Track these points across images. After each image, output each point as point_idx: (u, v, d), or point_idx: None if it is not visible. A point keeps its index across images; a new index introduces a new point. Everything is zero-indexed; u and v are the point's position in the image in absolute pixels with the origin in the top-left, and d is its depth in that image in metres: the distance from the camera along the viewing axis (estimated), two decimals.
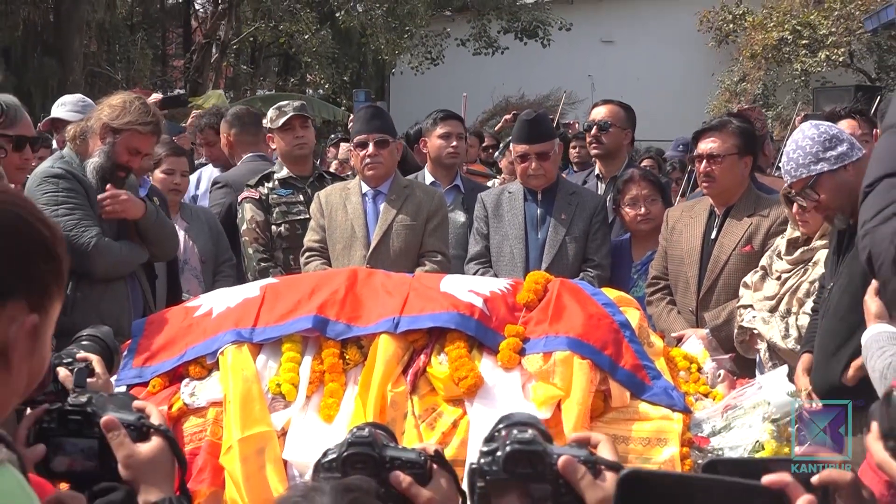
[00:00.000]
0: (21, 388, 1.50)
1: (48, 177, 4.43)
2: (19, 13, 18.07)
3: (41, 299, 1.46)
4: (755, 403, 3.35)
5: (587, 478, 1.76)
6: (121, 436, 1.96)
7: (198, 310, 3.74)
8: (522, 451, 1.76)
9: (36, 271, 1.45)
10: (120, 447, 1.95)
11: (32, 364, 1.48)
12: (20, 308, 1.43)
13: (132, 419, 1.98)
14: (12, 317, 1.42)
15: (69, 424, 1.97)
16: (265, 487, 3.17)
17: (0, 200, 1.46)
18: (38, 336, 1.47)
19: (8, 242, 1.42)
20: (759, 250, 4.69)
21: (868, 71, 24.40)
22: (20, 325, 1.42)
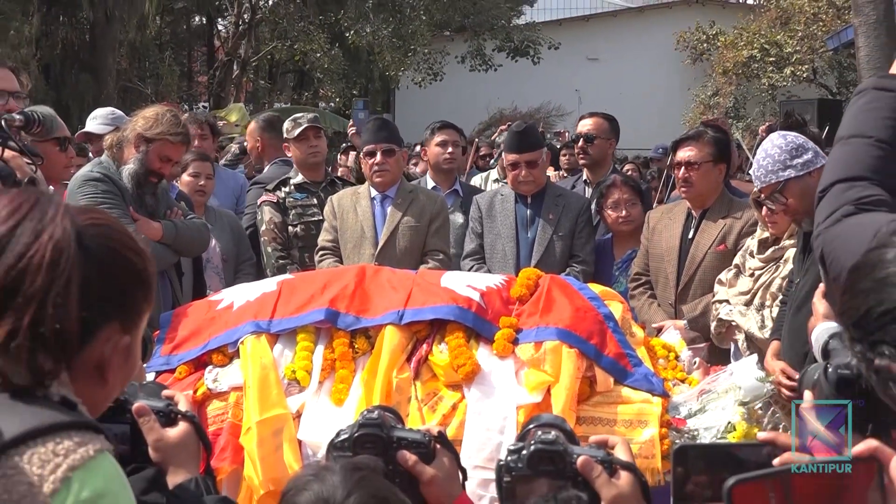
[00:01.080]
0: (115, 394, 1.57)
1: (88, 180, 4.46)
2: (58, 34, 18.09)
3: (133, 321, 1.50)
4: (727, 388, 3.35)
5: (603, 476, 1.80)
6: (151, 421, 1.97)
7: (220, 303, 3.74)
8: (545, 450, 1.80)
9: (130, 298, 1.48)
10: (150, 431, 1.97)
11: (125, 373, 1.53)
12: (115, 330, 1.46)
13: (161, 406, 2.00)
14: (108, 338, 1.45)
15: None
16: (281, 465, 3.17)
17: (97, 234, 1.46)
18: (131, 352, 1.51)
19: (106, 277, 1.44)
20: (733, 249, 4.70)
21: (829, 86, 24.41)
22: (114, 346, 1.45)
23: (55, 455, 1.30)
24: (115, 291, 1.45)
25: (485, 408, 3.25)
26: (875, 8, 9.66)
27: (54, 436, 1.32)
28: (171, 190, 5.22)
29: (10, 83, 3.71)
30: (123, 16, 18.43)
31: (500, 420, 3.22)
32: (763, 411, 3.41)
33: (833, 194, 2.24)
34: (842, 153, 2.30)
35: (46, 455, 1.30)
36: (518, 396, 3.27)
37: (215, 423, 3.31)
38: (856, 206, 2.17)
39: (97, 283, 1.42)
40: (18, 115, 3.28)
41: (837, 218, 2.18)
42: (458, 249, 5.43)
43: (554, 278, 3.83)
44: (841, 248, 2.15)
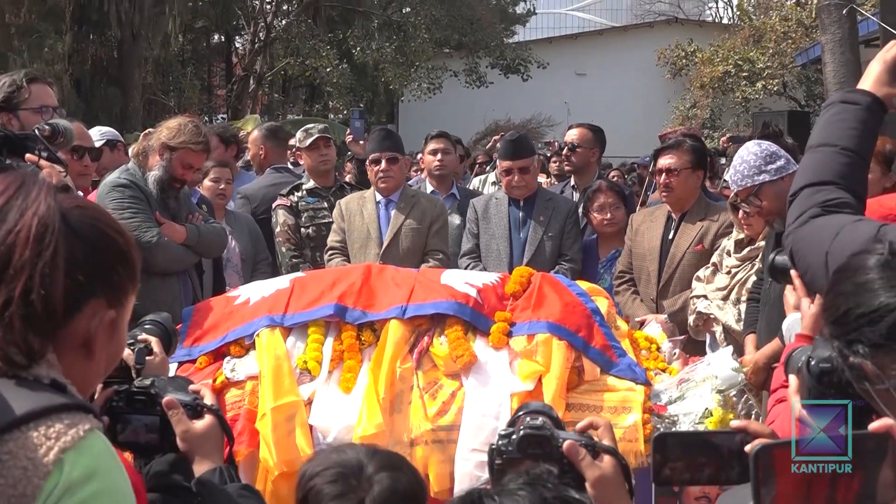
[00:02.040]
0: (102, 371, 1.51)
1: (115, 186, 4.46)
2: (88, 50, 18.08)
3: (118, 297, 1.46)
4: (705, 377, 3.35)
5: (587, 459, 1.80)
6: (179, 413, 1.98)
7: (237, 299, 3.73)
8: (534, 435, 1.80)
9: (114, 275, 1.45)
10: (178, 423, 1.98)
11: (111, 350, 1.49)
12: (100, 305, 1.43)
13: (188, 400, 2.01)
14: (93, 313, 1.42)
15: (135, 403, 2.00)
16: (294, 448, 3.17)
17: (81, 215, 1.45)
18: (116, 327, 1.48)
19: (90, 252, 1.42)
20: (710, 249, 4.70)
21: (798, 99, 24.41)
22: (100, 320, 1.43)
23: (47, 439, 1.28)
24: (99, 267, 1.43)
25: (481, 395, 3.25)
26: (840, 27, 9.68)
27: (45, 419, 1.29)
28: (194, 195, 5.23)
29: (52, 99, 3.71)
30: (148, 34, 18.43)
31: (495, 406, 3.22)
32: (737, 398, 3.42)
33: (802, 197, 2.25)
34: (811, 160, 2.32)
35: (38, 439, 1.27)
36: (512, 385, 3.27)
37: (233, 410, 3.31)
38: (822, 208, 2.19)
39: (82, 258, 1.39)
40: (47, 126, 3.29)
41: (805, 219, 2.20)
42: (455, 248, 5.43)
43: (545, 276, 3.83)
44: (807, 247, 2.17)
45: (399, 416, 3.23)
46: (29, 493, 1.24)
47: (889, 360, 1.65)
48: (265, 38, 23.11)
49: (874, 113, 2.29)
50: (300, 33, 23.98)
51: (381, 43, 25.29)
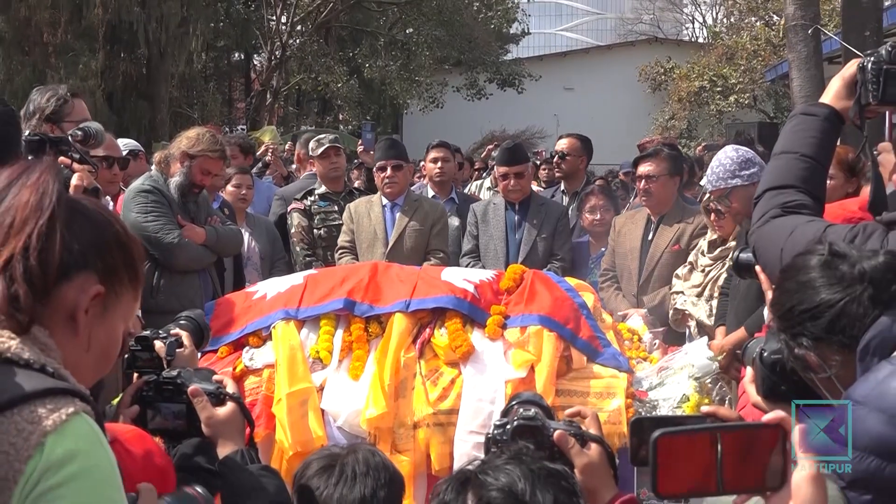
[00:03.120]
0: (93, 362, 1.42)
1: (140, 191, 4.46)
2: (119, 67, 18.06)
3: (110, 278, 1.39)
4: (682, 365, 3.35)
5: (576, 447, 1.82)
6: (204, 401, 1.98)
7: (256, 294, 3.73)
8: (526, 425, 1.81)
9: (107, 254, 1.40)
10: (203, 410, 1.98)
11: (100, 336, 1.41)
12: (90, 280, 1.37)
13: (212, 388, 2.01)
14: (82, 286, 1.36)
15: (163, 392, 2.01)
16: (307, 430, 3.17)
17: (91, 202, 1.44)
18: (106, 310, 1.40)
19: (88, 226, 1.38)
20: (686, 249, 4.70)
21: (767, 111, 24.41)
22: (87, 293, 1.36)
23: (29, 423, 1.21)
24: (95, 243, 1.38)
25: (478, 382, 3.25)
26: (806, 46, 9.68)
27: (29, 404, 1.23)
28: (216, 199, 5.23)
29: (87, 113, 3.72)
30: (174, 52, 18.42)
31: (491, 392, 3.21)
32: (712, 385, 3.41)
33: (765, 199, 2.27)
34: (774, 166, 2.34)
35: (21, 424, 1.21)
36: (506, 372, 3.27)
37: (251, 396, 3.30)
38: (782, 209, 2.21)
39: (78, 229, 1.36)
40: (79, 131, 3.29)
41: (766, 219, 2.22)
42: (454, 248, 5.43)
43: (537, 273, 3.83)
44: (766, 244, 2.20)
45: (403, 400, 3.23)
46: (10, 478, 1.19)
47: (830, 352, 1.66)
48: (281, 55, 23.09)
49: (833, 124, 2.30)
50: (313, 52, 24.01)
51: (387, 60, 25.34)
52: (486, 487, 1.41)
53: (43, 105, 3.62)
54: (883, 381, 1.50)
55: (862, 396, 1.51)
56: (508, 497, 1.38)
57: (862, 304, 1.63)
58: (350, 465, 2.13)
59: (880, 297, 1.62)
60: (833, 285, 1.66)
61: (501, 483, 1.40)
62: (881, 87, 2.20)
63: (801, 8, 9.64)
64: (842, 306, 1.64)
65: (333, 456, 2.18)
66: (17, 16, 16.03)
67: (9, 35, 16.30)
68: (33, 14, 15.95)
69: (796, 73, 9.75)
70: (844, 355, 1.64)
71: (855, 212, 3.04)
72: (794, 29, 9.74)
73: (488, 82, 27.20)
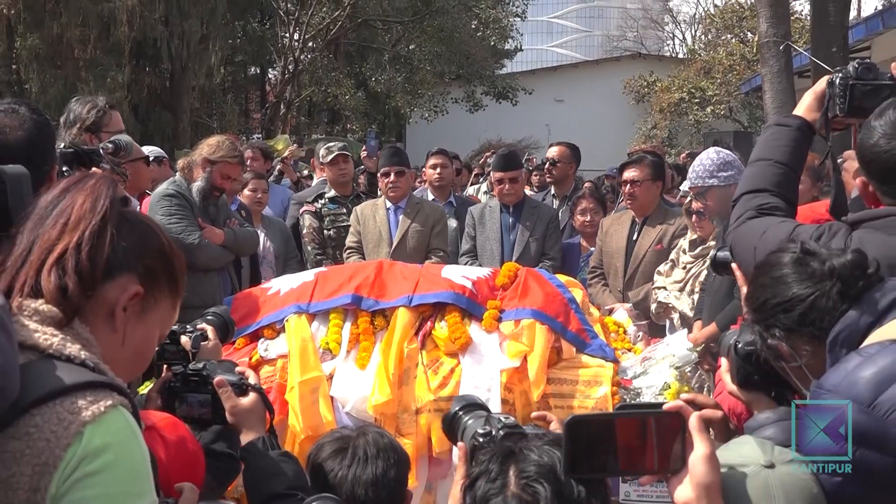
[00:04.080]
0: (129, 356, 1.42)
1: (164, 196, 4.46)
2: (144, 81, 18.06)
3: (150, 283, 1.40)
4: (664, 356, 3.35)
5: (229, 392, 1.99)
6: (228, 391, 1.99)
7: (270, 290, 3.72)
8: (514, 432, 1.75)
9: (149, 260, 1.41)
10: (227, 400, 1.99)
11: (136, 335, 1.41)
12: (132, 281, 1.38)
13: (235, 379, 2.02)
14: (123, 285, 1.37)
15: (190, 383, 2.02)
16: (317, 416, 3.17)
17: (136, 212, 1.47)
18: (144, 311, 1.40)
19: (134, 232, 1.40)
20: (668, 248, 4.69)
21: (742, 121, 24.43)
22: (128, 292, 1.37)
23: (70, 413, 1.21)
24: (140, 248, 1.39)
25: (476, 371, 3.25)
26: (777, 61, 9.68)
27: (70, 396, 1.23)
28: (234, 202, 5.23)
29: (122, 124, 3.72)
30: (195, 66, 18.40)
31: (487, 380, 3.21)
32: (692, 374, 3.41)
33: (742, 202, 2.28)
34: (750, 171, 2.35)
35: (62, 414, 1.21)
36: (501, 362, 3.26)
37: (266, 384, 3.29)
38: (757, 211, 2.22)
39: (126, 234, 1.37)
40: (110, 144, 3.28)
41: (743, 220, 2.23)
42: (452, 248, 5.43)
43: (529, 270, 3.82)
44: (741, 243, 2.20)
45: (406, 388, 3.23)
46: (51, 463, 1.19)
47: (800, 343, 1.67)
48: (294, 70, 23.08)
49: (804, 133, 2.31)
50: (323, 66, 24.01)
51: (391, 74, 25.34)
52: (528, 462, 1.43)
53: (84, 116, 3.62)
54: (852, 372, 1.50)
55: (833, 385, 1.51)
56: (548, 472, 1.40)
57: (831, 298, 1.63)
58: (361, 447, 2.14)
59: (848, 293, 1.62)
60: (804, 281, 1.66)
61: (544, 461, 1.42)
62: (847, 100, 2.21)
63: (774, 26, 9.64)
64: (812, 300, 1.64)
65: (345, 438, 2.19)
66: (50, 33, 16.04)
67: (43, 51, 16.30)
68: (65, 31, 15.97)
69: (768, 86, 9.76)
70: (814, 346, 1.64)
71: (823, 214, 3.03)
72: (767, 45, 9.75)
73: (484, 95, 27.20)
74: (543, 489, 1.39)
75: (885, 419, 1.44)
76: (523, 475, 1.41)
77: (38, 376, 1.24)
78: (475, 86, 26.89)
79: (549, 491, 1.39)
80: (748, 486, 1.45)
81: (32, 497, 1.18)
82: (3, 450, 1.19)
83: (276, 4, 23.81)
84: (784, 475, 1.45)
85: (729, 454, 1.52)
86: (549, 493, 1.38)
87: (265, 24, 24.64)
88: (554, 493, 1.38)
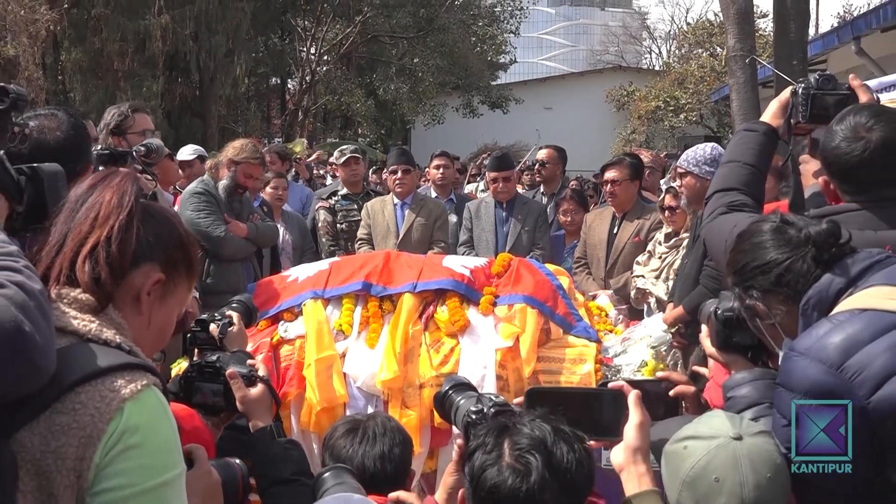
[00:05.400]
0: (153, 337, 1.42)
1: (194, 193, 4.46)
2: (176, 90, 17.98)
3: (171, 270, 1.40)
4: (642, 336, 3.34)
5: (240, 383, 1.98)
6: (238, 382, 1.98)
7: (289, 277, 3.72)
8: (504, 409, 1.76)
9: (170, 249, 1.40)
10: (238, 390, 1.97)
11: (159, 317, 1.41)
12: (155, 269, 1.38)
13: (245, 371, 2.00)
14: (147, 273, 1.37)
15: (205, 374, 2.01)
16: (332, 390, 3.17)
17: (158, 206, 1.44)
18: (165, 295, 1.40)
19: (157, 225, 1.39)
20: (645, 240, 4.68)
21: (712, 127, 24.38)
22: (151, 278, 1.38)
23: (110, 391, 1.23)
24: (162, 239, 1.39)
25: (473, 350, 3.25)
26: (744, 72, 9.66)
27: (110, 376, 1.24)
28: (256, 199, 5.22)
29: (150, 124, 3.71)
30: (222, 78, 18.34)
31: (484, 359, 3.21)
32: (667, 352, 3.40)
33: (714, 199, 2.28)
34: (721, 172, 2.35)
35: (104, 392, 1.22)
36: (496, 342, 3.26)
37: (286, 361, 3.30)
38: (728, 207, 2.22)
39: (150, 227, 1.37)
40: (142, 147, 3.28)
41: (715, 216, 2.23)
42: (452, 240, 5.42)
43: (521, 260, 3.81)
44: (714, 237, 2.20)
45: (411, 365, 3.23)
46: (95, 435, 1.21)
47: (776, 303, 1.67)
48: (310, 80, 23.02)
49: (770, 138, 2.32)
50: (337, 77, 23.95)
51: (398, 84, 25.29)
52: (521, 435, 1.43)
53: (108, 120, 3.62)
54: (823, 337, 1.49)
55: (804, 348, 1.51)
56: (539, 444, 1.41)
57: (806, 262, 1.62)
58: (371, 427, 2.14)
59: (821, 257, 1.62)
60: (782, 246, 1.66)
61: (535, 434, 1.43)
62: (809, 108, 2.20)
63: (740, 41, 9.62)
64: (788, 264, 1.63)
65: (356, 421, 2.20)
66: (91, 48, 16.04)
67: (85, 63, 16.29)
68: (105, 46, 15.95)
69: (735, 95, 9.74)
70: (788, 306, 1.64)
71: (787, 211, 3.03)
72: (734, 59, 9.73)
73: (481, 103, 27.17)
74: (535, 459, 1.39)
75: (852, 381, 1.44)
76: (517, 447, 1.42)
77: (79, 358, 1.25)
78: (472, 95, 26.84)
79: (539, 461, 1.39)
80: (718, 456, 1.44)
81: (79, 465, 1.19)
82: (52, 423, 1.20)
83: (294, 22, 23.76)
84: (751, 446, 1.45)
85: (701, 426, 1.52)
86: (540, 462, 1.39)
87: (285, 39, 24.56)
88: (544, 463, 1.39)
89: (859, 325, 1.48)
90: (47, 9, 13.67)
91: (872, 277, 1.56)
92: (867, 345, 1.45)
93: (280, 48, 23.59)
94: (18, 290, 1.16)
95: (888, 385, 1.42)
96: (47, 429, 1.19)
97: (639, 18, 48.70)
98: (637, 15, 51.44)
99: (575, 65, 52.68)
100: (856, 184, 1.92)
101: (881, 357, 1.43)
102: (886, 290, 1.52)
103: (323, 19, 23.04)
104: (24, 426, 1.19)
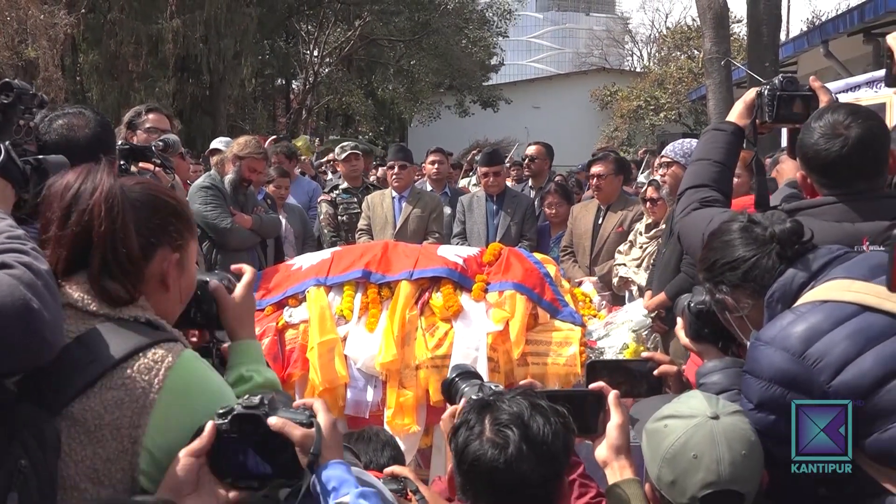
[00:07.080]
0: (180, 300, 1.44)
1: (201, 187, 4.46)
2: (187, 90, 17.90)
3: (180, 242, 1.41)
4: (623, 320, 3.34)
5: None
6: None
7: (293, 266, 3.70)
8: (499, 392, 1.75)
9: (171, 227, 1.39)
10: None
11: (184, 284, 1.44)
12: (166, 252, 1.38)
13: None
14: (163, 259, 1.38)
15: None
16: (333, 371, 3.17)
17: (140, 189, 1.39)
18: (183, 265, 1.42)
19: (149, 215, 1.37)
20: (627, 230, 4.67)
21: (689, 125, 24.39)
22: (169, 262, 1.38)
23: (154, 363, 1.27)
24: (159, 224, 1.37)
25: (466, 334, 3.24)
26: (719, 74, 9.66)
27: (149, 349, 1.28)
28: (260, 192, 5.20)
29: (165, 124, 3.70)
30: (230, 79, 18.25)
31: (476, 342, 3.20)
32: (647, 336, 3.40)
33: (686, 195, 2.28)
34: (692, 169, 2.35)
35: (148, 364, 1.27)
36: (487, 326, 3.25)
37: (291, 344, 3.29)
38: (700, 203, 2.22)
39: (144, 221, 1.35)
40: (160, 142, 3.28)
41: (688, 211, 2.22)
42: (446, 231, 5.41)
43: (511, 250, 3.80)
44: (689, 231, 2.19)
45: (408, 348, 3.22)
46: (147, 404, 1.25)
47: (743, 296, 1.67)
48: (313, 81, 22.93)
49: (737, 137, 2.32)
50: (338, 78, 23.87)
51: (395, 85, 25.20)
52: (501, 411, 1.44)
53: (124, 118, 3.65)
54: (787, 327, 1.50)
55: (769, 338, 1.51)
56: (517, 419, 1.42)
57: (771, 258, 1.63)
58: None
59: (785, 254, 1.63)
60: (749, 244, 1.66)
61: (513, 410, 1.43)
62: (775, 109, 2.20)
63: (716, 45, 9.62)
64: (754, 260, 1.64)
65: None
66: (107, 50, 15.97)
67: (102, 65, 16.23)
68: (120, 48, 15.88)
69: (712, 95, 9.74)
70: (755, 300, 1.64)
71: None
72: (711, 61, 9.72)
73: (473, 103, 27.11)
74: (513, 433, 1.40)
75: (813, 368, 1.45)
76: (496, 422, 1.42)
77: (116, 337, 1.28)
78: (465, 95, 26.77)
79: (517, 434, 1.40)
80: (696, 434, 1.44)
81: (134, 432, 1.24)
82: (105, 399, 1.23)
83: (298, 26, 23.64)
84: (727, 425, 1.45)
85: (680, 406, 1.51)
86: (518, 436, 1.39)
87: (289, 42, 24.44)
88: (521, 437, 1.39)
89: (820, 316, 1.48)
90: (66, 13, 13.60)
91: (833, 271, 1.57)
92: (827, 333, 1.46)
93: (285, 51, 23.47)
94: (26, 271, 1.18)
95: (847, 371, 1.42)
96: (100, 404, 1.23)
97: (621, 23, 48.57)
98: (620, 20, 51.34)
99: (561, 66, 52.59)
100: (834, 178, 1.91)
101: (840, 345, 1.44)
102: (845, 283, 1.53)
103: (325, 24, 22.94)
104: (73, 402, 1.22)
